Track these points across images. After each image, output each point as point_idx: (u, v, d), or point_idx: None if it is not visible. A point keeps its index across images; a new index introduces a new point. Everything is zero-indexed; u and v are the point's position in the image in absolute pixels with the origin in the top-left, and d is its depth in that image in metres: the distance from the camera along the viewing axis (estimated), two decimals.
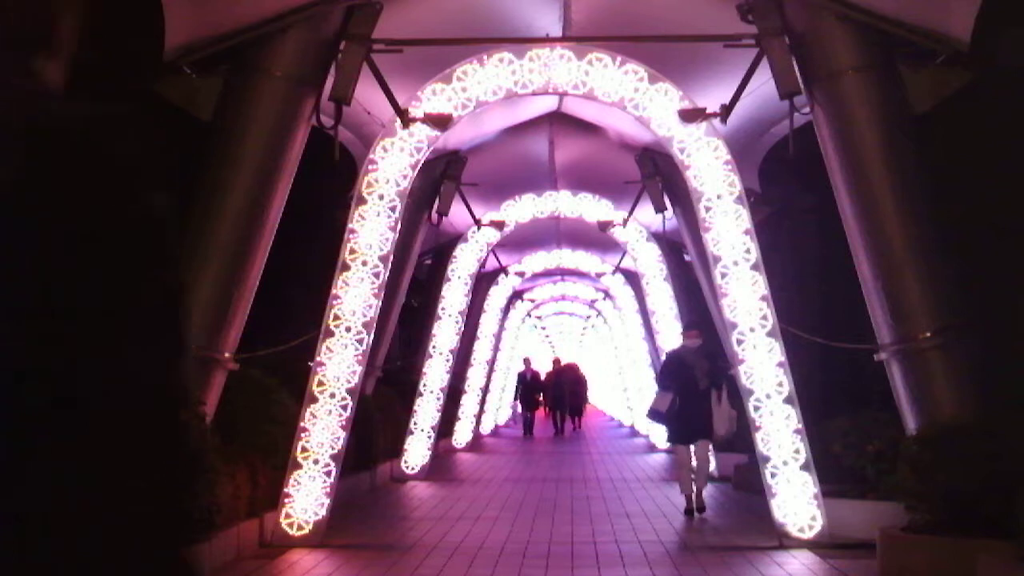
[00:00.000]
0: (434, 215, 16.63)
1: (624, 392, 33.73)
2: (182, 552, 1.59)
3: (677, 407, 12.62)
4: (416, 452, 17.71)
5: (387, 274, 10.91)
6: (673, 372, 12.91)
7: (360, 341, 10.59)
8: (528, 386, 31.89)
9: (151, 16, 9.65)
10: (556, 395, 32.49)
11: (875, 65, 10.17)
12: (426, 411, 18.09)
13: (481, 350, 25.70)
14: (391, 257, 10.98)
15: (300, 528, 10.22)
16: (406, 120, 10.91)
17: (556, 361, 35.27)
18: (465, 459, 22.19)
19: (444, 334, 18.83)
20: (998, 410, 8.95)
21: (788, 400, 10.24)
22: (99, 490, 1.50)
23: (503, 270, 24.83)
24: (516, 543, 10.33)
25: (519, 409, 32.24)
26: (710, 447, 13.35)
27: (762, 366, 10.32)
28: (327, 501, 10.31)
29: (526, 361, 33.09)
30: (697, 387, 12.54)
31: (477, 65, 10.93)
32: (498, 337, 28.60)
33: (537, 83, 10.99)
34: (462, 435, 24.75)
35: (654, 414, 13.21)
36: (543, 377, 34.08)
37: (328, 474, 10.34)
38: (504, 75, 10.94)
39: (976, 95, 10.11)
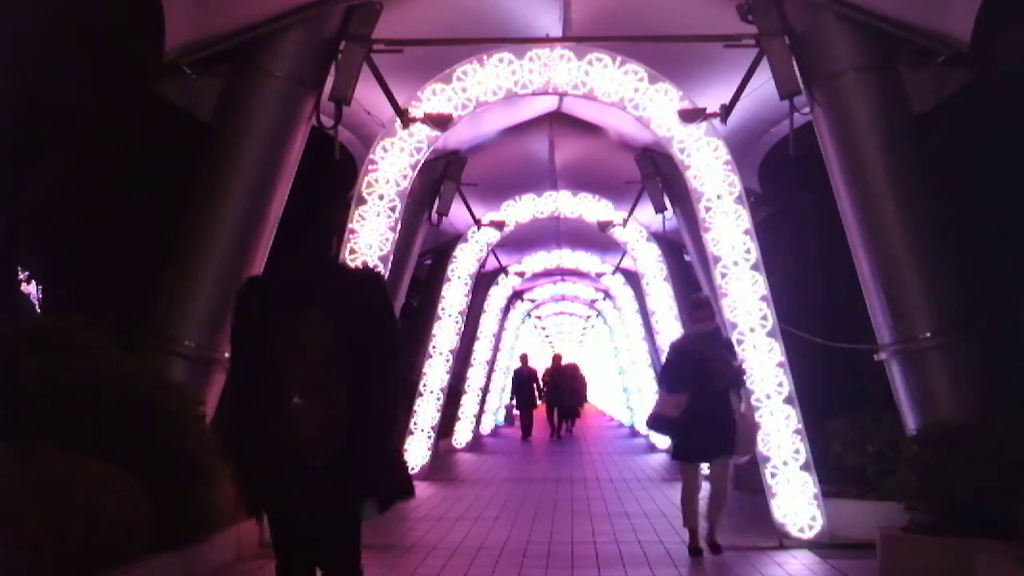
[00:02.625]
0: (434, 215, 16.61)
1: (624, 392, 33.65)
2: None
3: (684, 413, 9.52)
4: (416, 452, 17.70)
5: (387, 274, 10.91)
6: (682, 369, 9.70)
7: None
8: (525, 384, 30.67)
9: (151, 16, 9.65)
10: (554, 394, 31.34)
11: (875, 65, 10.16)
12: (426, 411, 18.09)
13: (481, 350, 25.67)
14: (391, 257, 10.99)
15: None
16: (406, 120, 10.92)
17: (556, 358, 32.78)
18: (465, 459, 22.19)
19: (444, 334, 18.83)
20: (998, 410, 8.95)
21: (788, 400, 10.24)
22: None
23: (503, 270, 24.82)
24: (516, 543, 10.34)
25: (515, 410, 31.18)
26: (731, 467, 9.76)
27: (762, 366, 10.32)
28: None
29: (522, 358, 31.38)
30: (712, 386, 9.47)
31: (477, 65, 10.93)
32: (498, 337, 28.55)
33: (537, 83, 11.00)
34: (462, 435, 24.75)
35: (657, 421, 9.99)
36: (541, 375, 32.16)
37: None
38: (504, 75, 10.95)
39: (976, 95, 10.11)
